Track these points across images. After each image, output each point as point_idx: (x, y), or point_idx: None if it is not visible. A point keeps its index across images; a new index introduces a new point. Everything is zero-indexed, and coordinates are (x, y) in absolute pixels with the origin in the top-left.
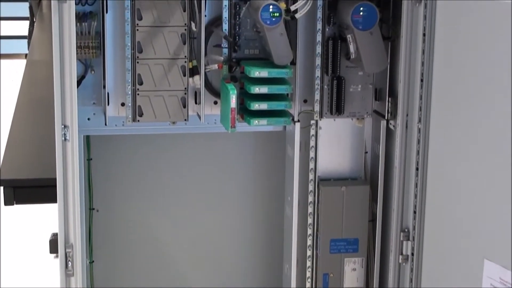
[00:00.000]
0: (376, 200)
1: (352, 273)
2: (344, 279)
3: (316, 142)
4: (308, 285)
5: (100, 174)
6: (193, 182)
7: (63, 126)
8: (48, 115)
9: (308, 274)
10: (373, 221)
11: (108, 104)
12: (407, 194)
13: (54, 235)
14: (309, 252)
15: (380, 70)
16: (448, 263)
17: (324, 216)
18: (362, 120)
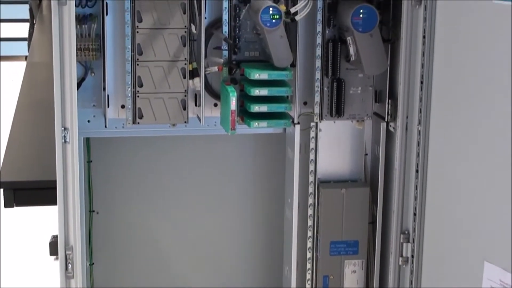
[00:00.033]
0: (376, 202)
1: (352, 275)
2: (344, 281)
3: (316, 144)
4: (308, 287)
5: (100, 176)
6: (193, 184)
7: (63, 128)
8: (48, 117)
9: (308, 276)
10: (373, 223)
11: (108, 106)
12: (407, 196)
13: (54, 237)
14: (309, 254)
15: (380, 72)
16: (448, 265)
17: (324, 218)
18: (362, 122)
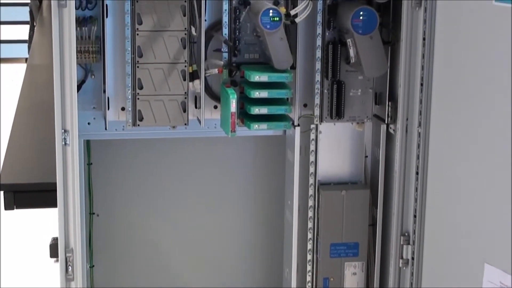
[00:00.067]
0: (376, 204)
1: (352, 277)
2: (344, 283)
3: (316, 146)
4: None
5: (100, 179)
6: (193, 187)
7: (63, 131)
8: (48, 119)
9: (308, 278)
10: (373, 225)
11: (108, 108)
12: (407, 198)
13: (54, 240)
14: (309, 256)
15: (380, 74)
16: (449, 267)
17: (324, 220)
18: (362, 124)
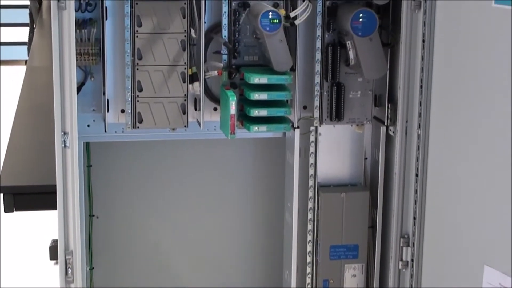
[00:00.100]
0: (376, 206)
1: (352, 279)
2: (344, 285)
3: (315, 148)
4: None
5: (100, 181)
6: (193, 189)
7: (63, 133)
8: (48, 121)
9: (308, 280)
10: (373, 227)
11: (108, 110)
12: (406, 200)
13: (54, 242)
14: (309, 258)
15: (379, 76)
16: (448, 269)
17: (324, 222)
18: (362, 126)
